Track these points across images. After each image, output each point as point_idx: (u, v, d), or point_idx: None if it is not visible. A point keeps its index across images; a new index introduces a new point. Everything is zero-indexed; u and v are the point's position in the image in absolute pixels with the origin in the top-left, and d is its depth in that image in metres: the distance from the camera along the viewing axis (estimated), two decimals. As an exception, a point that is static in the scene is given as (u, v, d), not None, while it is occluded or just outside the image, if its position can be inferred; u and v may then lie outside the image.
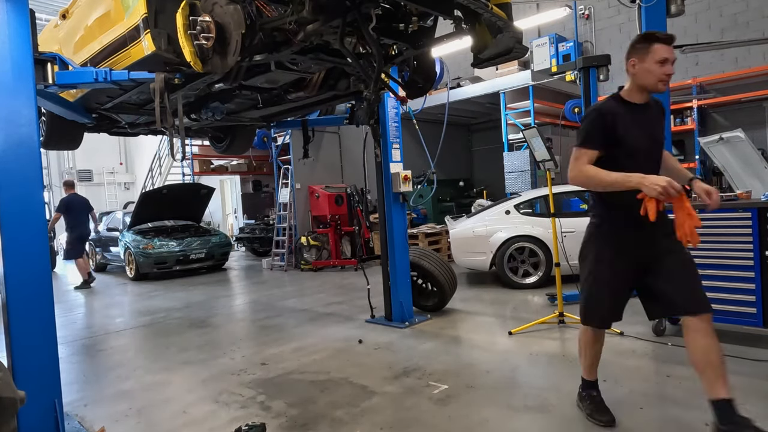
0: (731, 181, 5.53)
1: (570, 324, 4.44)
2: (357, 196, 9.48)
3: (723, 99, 8.78)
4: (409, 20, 3.37)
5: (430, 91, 4.47)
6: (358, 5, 2.98)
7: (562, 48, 10.44)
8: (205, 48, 2.72)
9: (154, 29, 2.95)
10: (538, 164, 4.67)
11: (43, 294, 2.63)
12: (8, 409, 1.70)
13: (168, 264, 9.47)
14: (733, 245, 3.56)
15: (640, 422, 2.62)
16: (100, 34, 3.55)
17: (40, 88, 2.92)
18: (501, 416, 2.82)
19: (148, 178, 16.87)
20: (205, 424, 2.96)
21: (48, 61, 2.91)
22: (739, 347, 3.58)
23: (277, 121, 5.83)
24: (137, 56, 3.14)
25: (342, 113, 6.20)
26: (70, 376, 3.95)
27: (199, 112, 4.52)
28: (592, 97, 8.08)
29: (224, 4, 2.65)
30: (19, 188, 2.56)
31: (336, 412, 2.98)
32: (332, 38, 3.27)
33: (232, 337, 4.92)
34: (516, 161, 9.15)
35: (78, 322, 6.17)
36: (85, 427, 3.00)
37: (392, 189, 4.92)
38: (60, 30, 4.35)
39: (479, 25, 3.32)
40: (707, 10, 9.19)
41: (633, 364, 3.47)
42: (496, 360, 3.74)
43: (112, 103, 4.31)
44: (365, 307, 5.25)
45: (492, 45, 3.37)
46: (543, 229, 6.18)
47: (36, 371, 2.58)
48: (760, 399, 2.79)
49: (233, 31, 2.67)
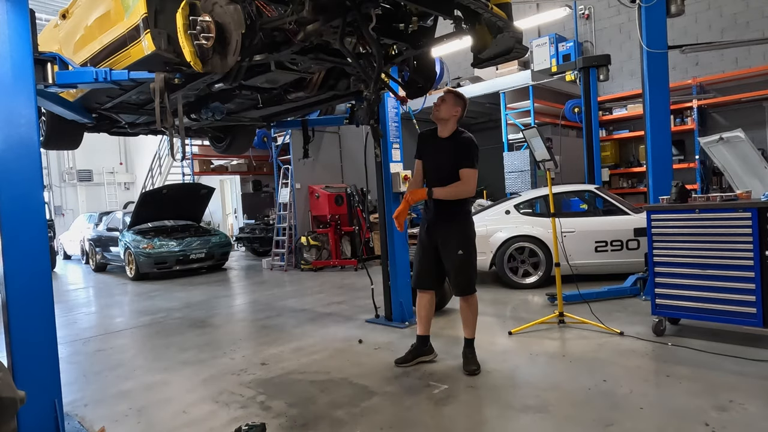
0: (731, 181, 5.52)
1: (570, 324, 4.44)
2: (357, 196, 9.48)
3: (723, 99, 8.79)
4: (409, 20, 3.37)
5: (430, 91, 4.47)
6: (358, 5, 2.98)
7: (562, 48, 10.44)
8: (205, 48, 2.72)
9: (154, 29, 2.94)
10: (538, 164, 4.67)
11: (43, 294, 2.63)
12: (8, 409, 1.71)
13: (168, 264, 9.47)
14: (733, 245, 3.56)
15: (640, 422, 2.62)
16: (100, 34, 3.55)
17: (40, 88, 2.92)
18: (501, 416, 2.83)
19: (148, 178, 16.88)
20: (205, 424, 2.96)
21: (48, 61, 2.91)
22: (739, 347, 3.58)
23: (277, 121, 5.83)
24: (137, 56, 3.13)
25: (342, 113, 6.20)
26: (70, 376, 3.95)
27: (199, 112, 4.51)
28: (592, 96, 8.10)
29: (224, 4, 2.65)
30: (19, 188, 2.56)
31: (336, 412, 2.98)
32: (332, 38, 3.27)
33: (232, 337, 4.92)
34: (516, 161, 9.15)
35: (78, 322, 6.17)
36: (85, 427, 2.99)
37: (392, 189, 4.92)
38: (60, 30, 4.34)
39: (479, 25, 3.31)
40: (707, 10, 9.19)
41: (633, 364, 3.47)
42: (496, 360, 3.74)
43: (112, 103, 4.30)
44: (365, 307, 5.25)
45: (492, 45, 3.37)
46: (543, 229, 6.18)
47: (36, 371, 2.58)
48: (760, 399, 2.79)
49: (233, 31, 2.67)
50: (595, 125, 8.12)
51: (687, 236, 3.79)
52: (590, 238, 6.13)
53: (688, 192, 3.94)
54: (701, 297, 3.71)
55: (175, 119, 3.26)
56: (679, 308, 3.86)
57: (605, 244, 6.10)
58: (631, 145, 10.37)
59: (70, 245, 14.31)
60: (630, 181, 10.26)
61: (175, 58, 2.93)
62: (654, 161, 5.12)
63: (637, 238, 5.95)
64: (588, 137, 8.14)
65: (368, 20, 3.06)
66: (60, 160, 19.42)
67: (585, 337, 4.13)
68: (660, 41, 4.99)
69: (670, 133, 5.26)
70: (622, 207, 6.32)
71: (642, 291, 5.29)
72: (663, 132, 5.12)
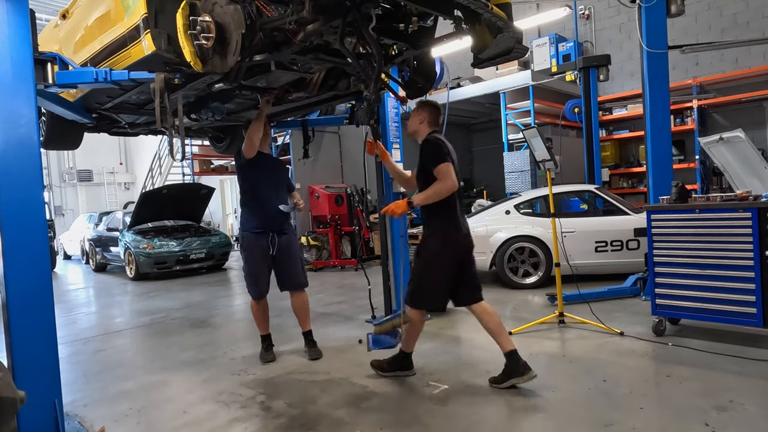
0: (731, 181, 5.53)
1: (570, 324, 4.44)
2: (357, 196, 9.48)
3: (723, 99, 8.79)
4: (409, 20, 3.37)
5: (430, 91, 4.47)
6: (358, 5, 2.98)
7: (562, 48, 10.44)
8: (205, 48, 2.72)
9: (154, 29, 2.94)
10: (538, 164, 4.67)
11: (43, 294, 2.63)
12: (8, 409, 1.70)
13: (168, 264, 9.47)
14: (733, 245, 3.56)
15: (640, 422, 2.62)
16: (100, 34, 3.54)
17: (40, 88, 2.91)
18: (501, 416, 2.83)
19: (148, 178, 16.89)
20: (205, 424, 2.95)
21: (48, 61, 2.90)
22: (739, 347, 3.58)
23: (277, 121, 5.83)
24: (137, 56, 3.13)
25: (342, 113, 6.19)
26: (70, 376, 3.95)
27: (199, 112, 4.51)
28: (592, 96, 8.09)
29: (224, 4, 2.65)
30: (19, 188, 2.56)
31: (336, 412, 2.98)
32: (332, 38, 3.27)
33: (232, 337, 4.92)
34: (516, 161, 9.15)
35: (78, 322, 6.17)
36: (85, 427, 2.99)
37: (392, 189, 4.92)
38: (60, 30, 4.35)
39: (479, 25, 3.31)
40: (707, 10, 9.19)
41: (633, 364, 3.47)
42: (496, 360, 3.73)
43: (112, 103, 4.30)
44: (365, 307, 5.24)
45: (492, 45, 3.37)
46: (543, 229, 6.18)
47: (36, 371, 2.58)
48: (760, 399, 2.79)
49: (233, 31, 2.67)
50: (595, 125, 8.12)
51: (687, 236, 3.79)
52: (590, 238, 6.13)
53: (688, 192, 3.94)
54: (701, 297, 3.71)
55: (175, 119, 3.26)
56: (679, 308, 3.86)
57: (605, 244, 6.10)
58: (631, 145, 10.37)
59: (70, 245, 14.32)
60: (630, 181, 10.26)
61: (176, 58, 2.92)
62: (654, 161, 5.12)
63: (637, 238, 5.95)
64: (588, 137, 8.14)
65: (368, 20, 3.06)
66: (60, 160, 19.42)
67: (585, 337, 4.13)
68: (660, 41, 4.99)
69: (670, 133, 5.26)
70: (622, 207, 6.32)
71: (642, 291, 5.28)
72: (663, 132, 5.12)
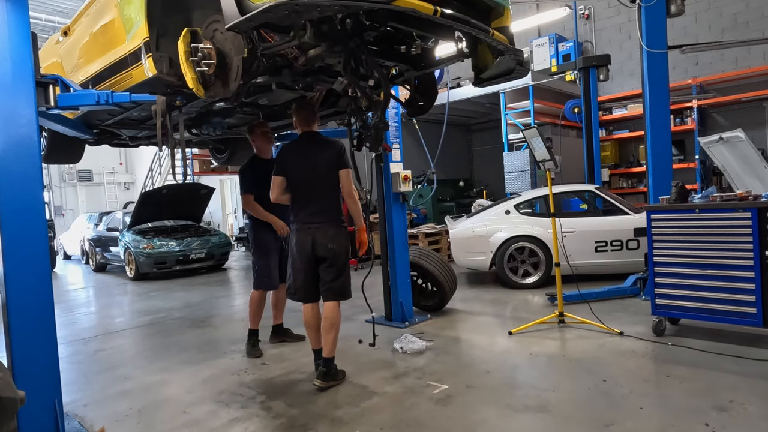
0: (731, 181, 5.54)
1: (570, 324, 4.44)
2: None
3: (723, 99, 8.79)
4: (411, 43, 3.35)
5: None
6: (360, 32, 2.94)
7: (562, 48, 10.43)
8: (207, 74, 2.71)
9: (155, 53, 2.93)
10: (538, 164, 4.67)
11: (43, 294, 2.63)
12: (8, 409, 1.71)
13: (168, 264, 9.48)
14: (733, 245, 3.56)
15: (640, 422, 2.62)
16: (101, 54, 3.54)
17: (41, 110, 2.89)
18: (501, 416, 2.83)
19: (148, 178, 16.88)
20: (205, 424, 2.96)
21: (50, 83, 2.87)
22: (739, 347, 3.58)
23: (278, 134, 5.85)
24: (139, 78, 3.12)
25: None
26: (70, 376, 3.95)
27: (200, 127, 4.50)
28: (592, 96, 8.10)
29: (225, 31, 2.63)
30: (19, 188, 2.56)
31: (336, 412, 2.98)
32: (334, 60, 3.25)
33: (232, 337, 4.91)
34: (516, 161, 9.15)
35: (78, 322, 6.17)
36: (85, 427, 2.99)
37: (392, 189, 4.92)
38: (61, 46, 4.36)
39: (480, 46, 3.32)
40: (707, 10, 9.19)
41: (633, 364, 3.47)
42: (496, 360, 3.74)
43: (114, 120, 4.29)
44: (365, 307, 5.24)
45: (493, 66, 3.38)
46: (543, 229, 6.18)
47: (36, 371, 2.58)
48: (760, 399, 2.79)
49: (234, 57, 2.65)
50: (595, 125, 8.12)
51: (687, 236, 3.79)
52: (590, 238, 6.13)
53: (688, 192, 3.94)
54: (701, 297, 3.70)
55: (176, 134, 3.27)
56: (679, 308, 3.86)
57: (605, 244, 6.10)
58: (631, 145, 10.37)
59: (70, 245, 14.31)
60: (630, 181, 10.26)
61: (177, 81, 2.92)
62: (654, 161, 5.12)
63: (637, 238, 5.95)
64: (588, 137, 8.15)
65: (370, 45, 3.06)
66: (60, 160, 19.38)
67: (585, 337, 4.13)
68: (660, 41, 4.99)
69: (670, 133, 5.26)
70: (622, 207, 6.32)
71: (642, 291, 5.29)
72: (663, 132, 5.12)
